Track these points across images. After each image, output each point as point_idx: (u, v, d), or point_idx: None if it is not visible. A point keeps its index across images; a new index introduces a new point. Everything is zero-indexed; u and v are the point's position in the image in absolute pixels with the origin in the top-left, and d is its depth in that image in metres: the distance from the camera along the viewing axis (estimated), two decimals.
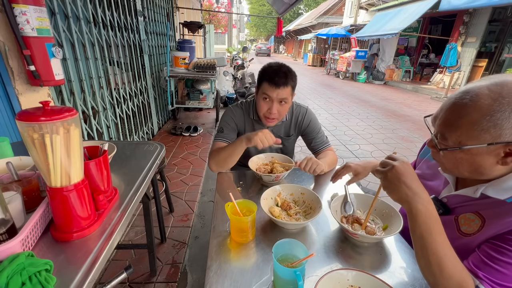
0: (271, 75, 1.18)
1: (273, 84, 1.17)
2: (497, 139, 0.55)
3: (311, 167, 1.16)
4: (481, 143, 0.56)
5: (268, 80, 1.18)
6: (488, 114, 0.54)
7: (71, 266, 0.60)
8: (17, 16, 1.31)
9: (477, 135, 0.56)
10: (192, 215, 2.11)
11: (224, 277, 0.69)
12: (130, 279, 1.52)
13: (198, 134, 3.85)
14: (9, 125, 1.45)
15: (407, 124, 4.91)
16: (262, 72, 1.24)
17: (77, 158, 0.62)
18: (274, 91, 1.18)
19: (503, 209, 0.61)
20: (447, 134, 0.61)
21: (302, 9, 35.55)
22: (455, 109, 0.60)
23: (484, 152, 0.57)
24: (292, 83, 1.21)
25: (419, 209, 0.60)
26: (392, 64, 10.45)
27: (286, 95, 1.20)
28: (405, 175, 0.63)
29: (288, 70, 1.21)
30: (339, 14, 19.18)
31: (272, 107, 1.21)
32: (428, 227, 0.59)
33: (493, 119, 0.54)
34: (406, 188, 0.62)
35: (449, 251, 0.59)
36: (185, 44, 4.19)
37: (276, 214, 0.90)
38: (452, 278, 0.57)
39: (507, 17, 7.45)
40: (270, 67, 1.22)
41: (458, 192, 0.72)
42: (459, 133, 0.59)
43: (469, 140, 0.58)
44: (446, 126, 0.62)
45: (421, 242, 0.60)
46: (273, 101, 1.20)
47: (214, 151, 1.27)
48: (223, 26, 20.30)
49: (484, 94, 0.56)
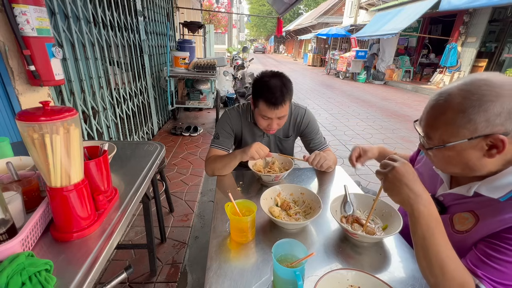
0: (267, 95, 1.13)
1: (270, 105, 1.13)
2: (475, 133, 0.57)
3: (319, 162, 1.16)
4: (461, 139, 0.59)
5: (265, 100, 1.14)
6: (461, 111, 0.57)
7: (71, 266, 0.60)
8: (17, 16, 1.31)
9: (456, 131, 0.59)
10: (192, 215, 2.11)
11: (224, 277, 0.69)
12: (130, 279, 1.52)
13: (198, 134, 3.85)
14: (9, 125, 1.45)
15: (407, 124, 4.91)
16: (257, 88, 1.18)
17: (77, 158, 0.62)
18: (273, 112, 1.15)
19: (496, 207, 0.62)
20: (431, 134, 0.65)
21: (302, 9, 35.56)
22: (433, 110, 0.64)
23: (467, 147, 0.60)
24: (289, 97, 1.17)
25: (421, 210, 0.60)
26: (392, 64, 10.45)
27: (284, 112, 1.18)
28: (406, 176, 0.63)
29: (283, 85, 1.15)
30: (339, 14, 19.19)
31: (272, 124, 1.20)
32: (430, 228, 0.60)
33: (466, 115, 0.57)
34: (408, 189, 0.62)
35: (450, 252, 0.59)
36: (185, 44, 4.19)
37: (276, 214, 0.90)
38: (454, 279, 0.57)
39: (507, 17, 7.45)
40: (265, 84, 1.15)
41: (452, 190, 0.73)
42: (440, 132, 0.62)
43: (451, 137, 0.61)
44: (428, 127, 0.66)
45: (423, 243, 0.60)
46: (272, 119, 1.19)
47: (210, 159, 1.26)
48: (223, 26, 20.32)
49: (455, 94, 0.59)
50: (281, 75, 1.19)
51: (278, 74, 1.19)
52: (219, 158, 1.24)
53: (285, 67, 16.99)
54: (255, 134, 1.39)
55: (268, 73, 1.21)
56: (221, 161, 1.22)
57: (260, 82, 1.18)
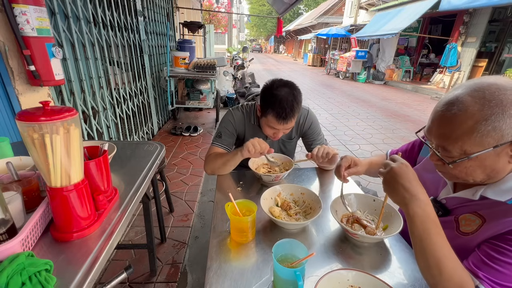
0: (278, 109, 1.10)
1: (280, 119, 1.11)
2: (501, 141, 0.55)
3: (324, 152, 1.12)
4: (486, 148, 0.56)
5: (274, 114, 1.11)
6: (483, 119, 0.54)
7: (71, 266, 0.60)
8: (17, 16, 1.31)
9: (480, 141, 0.56)
10: (192, 215, 2.11)
11: (224, 277, 0.69)
12: (130, 279, 1.52)
13: (198, 134, 3.85)
14: (9, 125, 1.45)
15: (407, 124, 4.91)
16: (267, 99, 1.14)
17: (77, 158, 0.62)
18: (281, 126, 1.14)
19: (502, 209, 0.61)
20: (449, 146, 0.61)
21: (302, 9, 35.56)
22: (447, 121, 0.60)
23: (492, 155, 0.58)
24: (299, 109, 1.15)
25: (416, 211, 0.61)
26: (392, 64, 10.45)
27: (292, 124, 1.17)
28: (403, 177, 0.63)
29: (294, 97, 1.12)
30: (339, 14, 19.19)
31: (278, 133, 1.20)
32: (426, 229, 0.60)
33: (489, 123, 0.54)
34: (403, 189, 0.62)
35: (448, 253, 0.59)
36: (185, 44, 4.19)
37: (276, 214, 0.90)
38: (452, 279, 0.57)
39: (507, 17, 7.44)
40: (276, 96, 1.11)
41: (456, 194, 0.72)
42: (461, 143, 0.58)
43: (474, 147, 0.57)
44: (445, 139, 0.61)
45: (420, 243, 0.61)
46: (279, 130, 1.18)
47: (211, 157, 1.25)
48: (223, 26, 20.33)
49: (469, 101, 0.56)
50: (292, 86, 1.17)
51: (289, 84, 1.17)
52: (220, 156, 1.23)
53: (285, 67, 17.00)
54: (258, 136, 1.36)
55: (278, 82, 1.17)
56: (221, 159, 1.21)
57: (270, 92, 1.14)
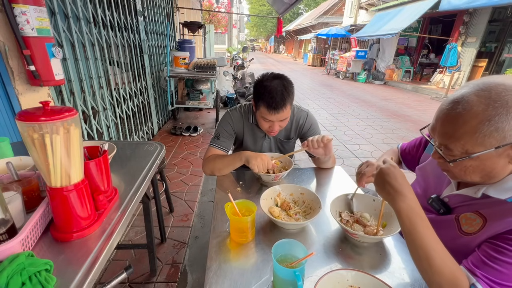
0: (268, 99, 1.11)
1: (271, 109, 1.12)
2: (503, 142, 0.55)
3: (318, 139, 1.10)
4: (488, 148, 0.56)
5: (265, 104, 1.13)
6: (486, 119, 0.55)
7: (71, 266, 0.60)
8: (17, 16, 1.31)
9: (482, 141, 0.56)
10: (192, 215, 2.11)
11: (224, 277, 0.69)
12: (130, 279, 1.52)
13: (198, 134, 3.85)
14: (9, 125, 1.45)
15: (407, 124, 4.91)
16: (258, 91, 1.16)
17: (77, 158, 0.62)
18: (274, 116, 1.14)
19: (503, 209, 0.62)
20: (451, 145, 0.61)
21: (302, 9, 35.55)
22: (451, 119, 0.60)
23: (493, 156, 0.58)
24: (290, 100, 1.15)
25: (401, 205, 0.64)
26: (392, 64, 10.44)
27: (286, 115, 1.17)
28: (389, 175, 0.67)
29: (284, 88, 1.13)
30: (339, 14, 19.18)
31: (273, 126, 1.19)
32: (412, 222, 0.62)
33: (492, 123, 0.54)
34: (389, 187, 0.67)
35: (436, 245, 0.60)
36: (185, 44, 4.19)
37: (275, 214, 0.90)
38: (443, 274, 0.58)
39: (507, 17, 7.45)
40: (266, 87, 1.13)
41: (459, 191, 0.73)
42: (463, 142, 0.59)
43: (475, 147, 0.58)
44: (448, 138, 0.62)
45: (408, 237, 0.63)
46: (273, 121, 1.18)
47: (210, 158, 1.25)
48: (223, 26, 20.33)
49: (474, 101, 0.56)
50: (282, 77, 1.18)
51: (279, 76, 1.18)
52: (219, 158, 1.23)
53: (285, 67, 16.99)
54: (256, 136, 1.38)
55: (269, 75, 1.19)
56: (222, 161, 1.21)
57: (261, 84, 1.16)
